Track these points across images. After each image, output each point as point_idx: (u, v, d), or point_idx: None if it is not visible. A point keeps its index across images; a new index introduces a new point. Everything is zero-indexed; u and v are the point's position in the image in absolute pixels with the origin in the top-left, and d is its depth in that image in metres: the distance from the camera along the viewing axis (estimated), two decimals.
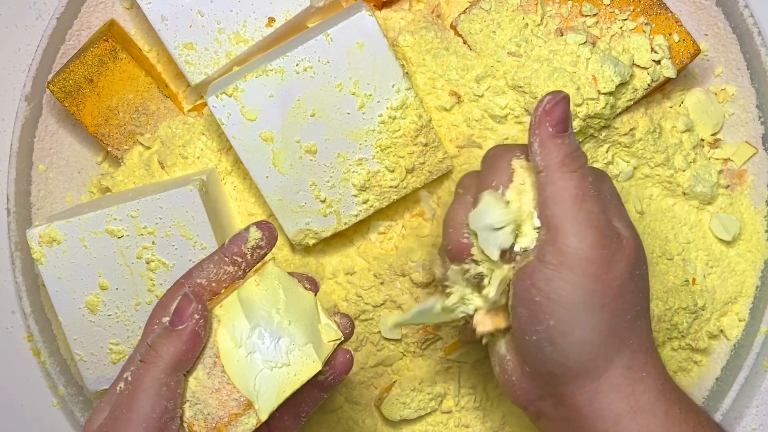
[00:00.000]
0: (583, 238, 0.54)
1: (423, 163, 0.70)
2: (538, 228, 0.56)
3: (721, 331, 0.77)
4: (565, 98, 0.56)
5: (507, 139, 0.71)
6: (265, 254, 0.60)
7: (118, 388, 0.55)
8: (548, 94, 0.56)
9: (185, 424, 0.55)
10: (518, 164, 0.58)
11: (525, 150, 0.58)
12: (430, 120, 0.69)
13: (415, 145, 0.69)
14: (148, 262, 0.70)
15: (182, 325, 0.55)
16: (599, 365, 0.55)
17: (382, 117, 0.68)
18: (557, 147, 0.55)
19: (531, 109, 0.70)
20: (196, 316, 0.55)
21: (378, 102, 0.68)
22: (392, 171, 0.70)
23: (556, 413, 0.57)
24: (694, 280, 0.76)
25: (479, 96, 0.71)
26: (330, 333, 0.58)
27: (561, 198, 0.54)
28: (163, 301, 0.58)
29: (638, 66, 0.71)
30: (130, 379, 0.54)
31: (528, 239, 0.56)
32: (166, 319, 0.56)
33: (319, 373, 0.57)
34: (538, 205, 0.56)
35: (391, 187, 0.70)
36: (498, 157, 0.59)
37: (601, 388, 0.55)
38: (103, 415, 0.56)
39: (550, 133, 0.55)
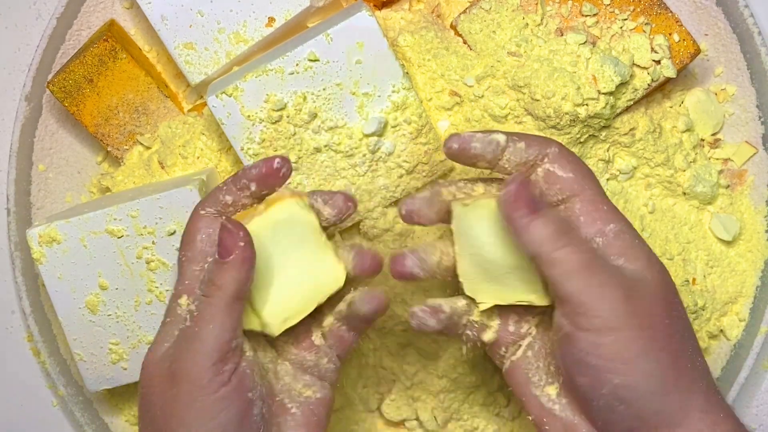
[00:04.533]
0: (611, 299, 0.53)
1: (423, 164, 0.70)
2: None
3: (721, 331, 0.77)
4: (524, 182, 0.55)
5: None
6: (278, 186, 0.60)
7: (182, 324, 0.56)
8: (507, 182, 0.55)
9: None
10: None
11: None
12: (430, 120, 0.69)
13: (415, 145, 0.69)
14: (148, 262, 0.70)
15: (231, 256, 0.55)
16: (675, 412, 0.54)
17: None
18: (540, 229, 0.54)
19: (531, 109, 0.70)
20: (241, 244, 0.55)
21: (378, 102, 0.68)
22: (392, 171, 0.70)
23: None
24: (694, 280, 0.76)
25: (479, 96, 0.71)
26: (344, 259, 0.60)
27: (569, 274, 0.54)
28: (188, 235, 0.58)
29: (638, 66, 0.71)
30: (195, 312, 0.55)
31: None
32: (204, 255, 0.58)
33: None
34: (550, 286, 0.55)
35: (390, 187, 0.70)
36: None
37: None
38: (161, 348, 0.56)
39: (526, 221, 0.54)
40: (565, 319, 0.55)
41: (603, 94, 0.69)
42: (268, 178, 0.58)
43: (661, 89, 0.75)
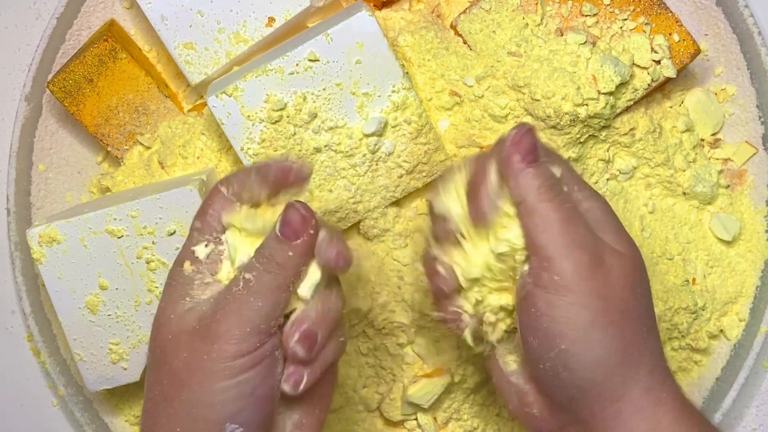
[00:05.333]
0: (576, 261, 0.54)
1: (423, 164, 0.70)
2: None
3: (721, 331, 0.77)
4: (531, 130, 0.56)
5: None
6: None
7: (234, 288, 0.56)
8: (514, 127, 0.57)
9: None
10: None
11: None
12: (430, 120, 0.69)
13: (415, 145, 0.69)
14: (148, 262, 0.70)
15: (299, 240, 0.56)
16: (617, 387, 0.55)
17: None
18: (531, 177, 0.56)
19: (531, 109, 0.70)
20: (311, 231, 0.56)
21: (378, 102, 0.68)
22: (392, 171, 0.70)
23: None
24: (694, 280, 0.76)
25: (479, 96, 0.71)
26: None
27: (545, 226, 0.55)
28: (203, 206, 0.58)
29: (638, 66, 0.71)
30: (252, 282, 0.55)
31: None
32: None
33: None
34: (525, 236, 0.56)
35: (390, 187, 0.70)
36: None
37: (622, 410, 0.55)
38: (181, 307, 0.56)
39: (522, 165, 0.56)
40: (529, 277, 0.56)
41: (603, 94, 0.69)
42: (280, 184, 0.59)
43: (661, 89, 0.75)
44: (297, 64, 0.67)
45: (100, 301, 0.71)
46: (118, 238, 0.70)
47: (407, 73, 0.68)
